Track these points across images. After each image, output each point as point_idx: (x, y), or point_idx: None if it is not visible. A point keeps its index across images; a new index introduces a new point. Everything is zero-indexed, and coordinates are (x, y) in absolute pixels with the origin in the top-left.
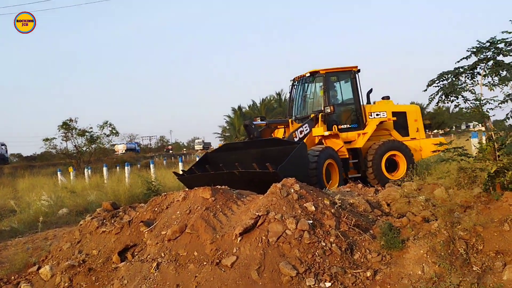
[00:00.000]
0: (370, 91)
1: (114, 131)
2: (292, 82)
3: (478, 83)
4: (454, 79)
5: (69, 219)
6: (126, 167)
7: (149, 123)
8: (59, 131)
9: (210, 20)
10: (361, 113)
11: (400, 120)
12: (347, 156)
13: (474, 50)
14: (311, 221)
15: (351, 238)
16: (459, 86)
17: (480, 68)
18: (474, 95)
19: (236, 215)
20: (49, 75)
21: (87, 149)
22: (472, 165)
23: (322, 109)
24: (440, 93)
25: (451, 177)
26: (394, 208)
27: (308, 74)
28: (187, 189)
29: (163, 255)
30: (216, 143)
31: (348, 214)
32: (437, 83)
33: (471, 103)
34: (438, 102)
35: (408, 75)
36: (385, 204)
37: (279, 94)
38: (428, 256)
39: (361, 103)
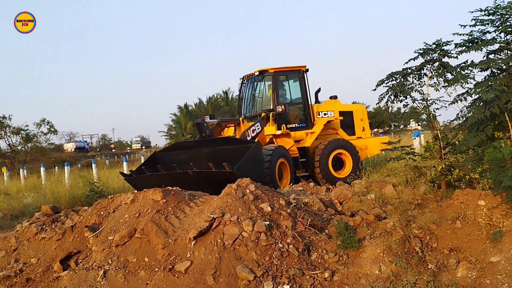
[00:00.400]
0: (319, 90)
1: (53, 129)
2: (241, 80)
3: (425, 84)
4: (402, 79)
5: (3, 223)
6: (66, 167)
7: (89, 121)
8: None
9: (155, 17)
10: (309, 113)
11: (347, 120)
12: (298, 155)
13: (421, 51)
14: (268, 222)
15: (307, 238)
16: (408, 87)
17: (426, 69)
18: (421, 95)
19: (189, 218)
20: None
21: (23, 148)
22: (418, 163)
23: (272, 108)
24: (389, 93)
25: (399, 175)
26: (346, 206)
27: (257, 73)
28: (135, 191)
29: (110, 262)
30: (158, 141)
31: (303, 213)
32: (386, 83)
33: (418, 103)
34: (387, 102)
35: (354, 74)
36: (338, 202)
37: (226, 93)
38: (384, 255)
39: (310, 103)
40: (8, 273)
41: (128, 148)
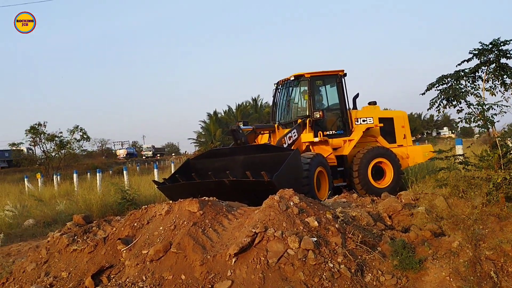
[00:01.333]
0: (357, 96)
1: (85, 136)
2: (276, 86)
3: (479, 87)
4: (455, 83)
5: (36, 231)
6: (97, 174)
7: (120, 128)
8: (27, 135)
9: (186, 23)
10: (347, 119)
11: (387, 127)
12: (336, 164)
13: (476, 52)
14: (315, 239)
15: (359, 257)
16: (462, 91)
17: (482, 71)
18: (477, 99)
19: (228, 232)
20: (17, 77)
21: (56, 155)
22: (472, 173)
23: (307, 114)
24: (441, 98)
25: (450, 186)
26: (396, 220)
27: (293, 78)
28: (170, 201)
29: (144, 279)
30: (188, 148)
31: (353, 229)
32: (436, 87)
33: (474, 108)
34: (438, 107)
35: (395, 79)
36: (387, 216)
37: (255, 100)
38: (451, 280)
39: (348, 109)
40: (38, 287)
41: (158, 155)
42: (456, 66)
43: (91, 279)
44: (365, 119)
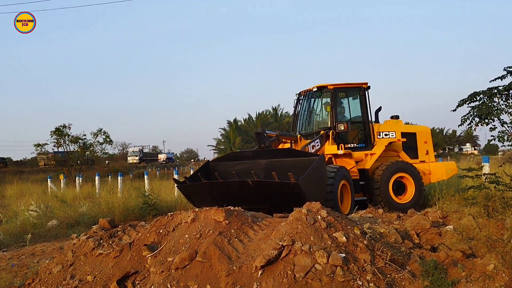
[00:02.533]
0: (379, 109)
1: (108, 139)
2: (297, 96)
3: None
4: (487, 100)
5: (59, 232)
6: (119, 177)
7: (140, 133)
8: (52, 137)
9: (207, 31)
10: (369, 133)
11: (410, 142)
12: (358, 177)
13: (511, 69)
14: (344, 255)
15: (388, 275)
16: (495, 108)
17: None
18: (511, 118)
19: (253, 243)
20: (46, 80)
21: (80, 157)
22: (502, 193)
23: (329, 126)
24: (473, 115)
25: (479, 204)
26: (424, 239)
27: (315, 89)
28: (196, 209)
29: (169, 286)
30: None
31: (381, 246)
32: (468, 104)
33: (508, 126)
34: (470, 124)
35: (417, 93)
36: (415, 234)
37: (275, 109)
38: None
39: (370, 122)
40: None
41: (177, 160)
42: (490, 82)
43: (116, 284)
44: (388, 133)
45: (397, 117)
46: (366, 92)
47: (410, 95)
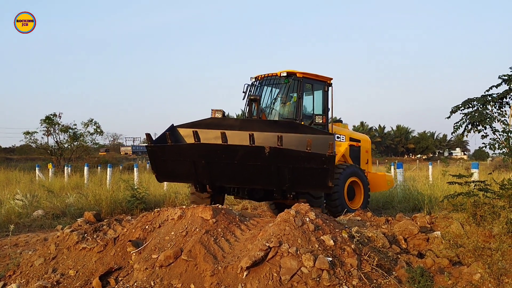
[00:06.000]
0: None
1: (99, 130)
2: (253, 81)
3: (506, 114)
4: (481, 107)
5: (44, 222)
6: (108, 169)
7: (132, 124)
8: (41, 125)
9: (207, 24)
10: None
11: (354, 149)
12: None
13: (506, 78)
14: (331, 259)
15: (375, 281)
16: (488, 116)
17: (510, 98)
18: (503, 126)
19: (240, 243)
20: (37, 69)
21: (69, 146)
22: (491, 201)
23: (294, 117)
24: (466, 121)
25: (467, 212)
26: (411, 244)
27: (285, 74)
28: (183, 206)
29: (153, 284)
30: None
31: (369, 251)
32: (461, 110)
33: (500, 134)
34: (464, 131)
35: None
36: (402, 239)
37: None
38: None
39: (329, 121)
40: (44, 284)
41: None
42: (485, 92)
43: (99, 280)
44: (339, 136)
45: (340, 121)
46: (330, 88)
47: (402, 98)
